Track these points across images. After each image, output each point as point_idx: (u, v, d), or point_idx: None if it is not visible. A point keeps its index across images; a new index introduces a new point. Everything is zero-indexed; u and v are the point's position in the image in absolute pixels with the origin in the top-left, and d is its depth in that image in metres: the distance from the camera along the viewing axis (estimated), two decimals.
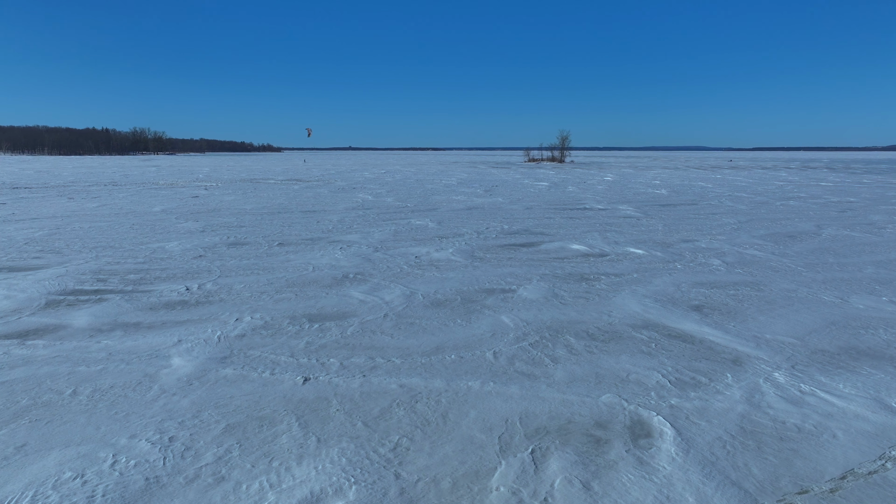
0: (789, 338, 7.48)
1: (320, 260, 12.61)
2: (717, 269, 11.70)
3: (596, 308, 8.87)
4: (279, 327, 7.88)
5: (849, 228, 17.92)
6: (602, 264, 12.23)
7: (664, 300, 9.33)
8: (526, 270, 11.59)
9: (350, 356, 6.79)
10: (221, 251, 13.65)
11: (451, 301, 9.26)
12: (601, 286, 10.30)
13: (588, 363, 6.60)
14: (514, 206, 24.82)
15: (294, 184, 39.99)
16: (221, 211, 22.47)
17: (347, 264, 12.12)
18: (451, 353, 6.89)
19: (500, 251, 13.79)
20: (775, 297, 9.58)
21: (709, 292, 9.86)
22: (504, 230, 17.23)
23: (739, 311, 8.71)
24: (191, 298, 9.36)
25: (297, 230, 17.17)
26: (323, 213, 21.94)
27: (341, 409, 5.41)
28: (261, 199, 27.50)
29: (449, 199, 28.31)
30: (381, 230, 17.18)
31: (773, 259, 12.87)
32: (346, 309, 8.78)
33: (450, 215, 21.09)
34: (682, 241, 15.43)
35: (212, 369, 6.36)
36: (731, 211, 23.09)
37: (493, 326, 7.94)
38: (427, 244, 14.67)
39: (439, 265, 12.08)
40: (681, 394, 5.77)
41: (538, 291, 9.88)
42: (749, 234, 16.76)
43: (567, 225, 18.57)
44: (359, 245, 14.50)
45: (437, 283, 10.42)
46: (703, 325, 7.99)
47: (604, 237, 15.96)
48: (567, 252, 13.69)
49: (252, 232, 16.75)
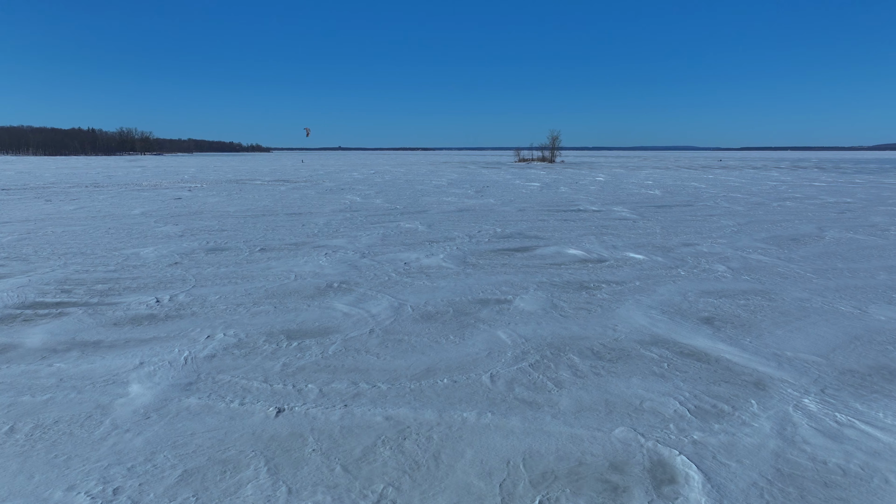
0: (812, 355, 6.85)
1: (303, 267, 11.89)
2: (723, 277, 11.08)
3: (599, 321, 8.21)
4: (254, 346, 7.16)
5: (851, 231, 17.39)
6: (601, 271, 11.59)
7: (671, 311, 8.68)
8: (521, 278, 10.92)
9: (331, 381, 6.09)
10: (199, 257, 12.89)
11: (442, 314, 8.57)
12: (602, 296, 9.64)
13: (596, 388, 5.94)
14: (507, 207, 24.16)
15: (281, 185, 39.14)
16: (203, 213, 21.67)
17: (332, 272, 11.40)
18: (444, 377, 6.20)
19: (494, 257, 13.11)
20: (789, 307, 8.96)
21: (718, 302, 9.22)
22: (497, 234, 16.56)
23: (753, 324, 8.07)
24: (160, 312, 8.62)
25: (281, 234, 16.42)
26: (309, 215, 21.18)
27: (318, 450, 4.71)
28: (245, 201, 26.69)
29: (439, 200, 27.61)
30: (368, 234, 16.46)
31: (779, 264, 12.27)
32: (329, 324, 8.07)
33: (440, 218, 20.39)
34: (683, 244, 14.82)
35: (174, 398, 5.64)
36: (729, 212, 22.55)
37: (488, 344, 7.26)
38: (417, 249, 13.97)
39: (430, 272, 11.39)
40: (703, 426, 5.11)
41: (536, 302, 9.21)
42: (750, 237, 16.18)
43: (562, 228, 17.93)
44: (345, 250, 13.79)
45: (428, 293, 9.73)
46: (716, 341, 7.34)
47: (601, 241, 15.33)
48: (564, 257, 13.03)
49: (233, 236, 15.99)
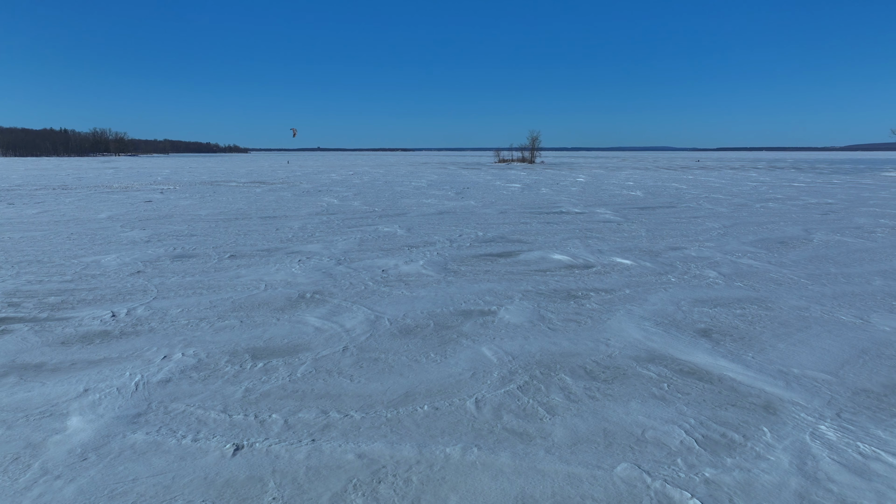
0: (821, 373, 6.37)
1: (275, 275, 11.21)
2: (715, 283, 10.63)
3: (590, 335, 7.67)
4: (215, 368, 6.51)
5: (838, 233, 17.10)
6: (589, 278, 11.07)
7: (666, 323, 8.17)
8: (506, 286, 10.36)
9: (298, 409, 5.47)
10: (164, 265, 12.15)
11: (422, 328, 7.97)
12: (592, 305, 9.11)
13: (592, 414, 5.38)
14: (488, 209, 23.63)
15: (257, 187, 38.24)
16: (174, 217, 20.83)
17: (305, 281, 10.75)
18: (424, 403, 5.61)
19: (476, 262, 12.55)
20: (788, 317, 8.50)
21: (713, 312, 8.74)
22: (478, 238, 16.00)
23: (753, 337, 7.59)
24: (115, 328, 7.91)
25: (254, 239, 15.70)
26: (284, 219, 20.45)
27: (279, 498, 4.09)
28: (218, 204, 25.84)
29: (419, 202, 27.00)
30: (345, 238, 15.80)
31: (771, 269, 11.86)
32: (299, 340, 7.44)
33: (420, 221, 19.79)
34: (670, 248, 14.38)
35: (118, 434, 4.98)
36: (713, 214, 22.23)
37: (472, 362, 6.68)
38: (395, 255, 13.35)
39: (409, 281, 10.78)
40: (714, 460, 4.58)
41: (522, 313, 8.65)
42: (738, 240, 15.80)
43: (545, 231, 17.42)
44: (319, 257, 13.12)
45: (407, 304, 9.13)
46: (717, 357, 6.84)
47: (586, 245, 14.84)
48: (549, 263, 12.50)
49: (202, 242, 15.23)
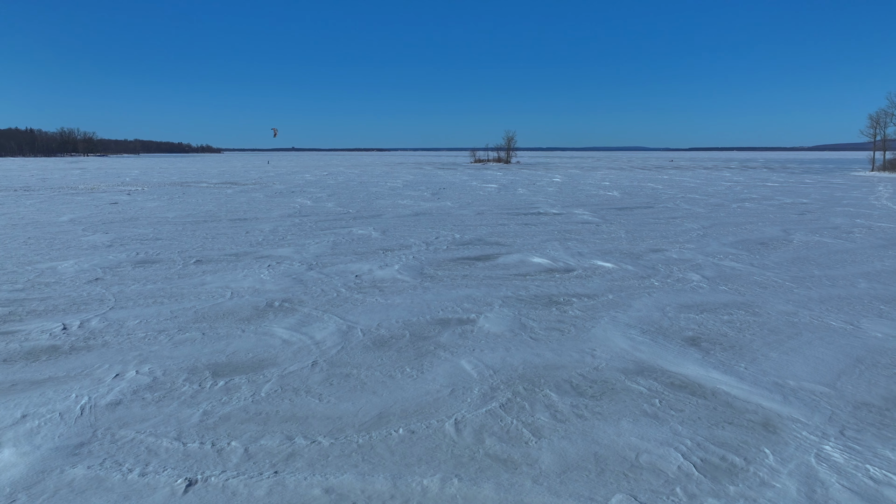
0: (817, 384, 6.05)
1: (242, 282, 10.66)
2: (699, 287, 10.33)
3: (575, 345, 7.28)
4: (171, 387, 5.98)
5: (817, 233, 17.01)
6: (570, 282, 10.71)
7: (652, 331, 7.82)
8: (485, 292, 9.95)
9: (260, 435, 4.98)
10: (125, 272, 11.52)
11: (397, 339, 7.52)
12: (575, 312, 8.74)
13: (581, 437, 4.97)
14: (465, 211, 23.22)
15: (228, 188, 37.39)
16: (139, 220, 20.07)
17: (274, 288, 10.22)
18: (399, 425, 5.16)
19: (453, 266, 12.11)
20: (777, 323, 8.21)
21: (700, 318, 8.41)
22: (456, 240, 15.57)
23: (744, 345, 7.27)
24: (65, 343, 7.32)
25: (222, 243, 15.08)
26: (255, 221, 19.81)
27: None
28: (187, 206, 25.07)
29: (394, 203, 26.51)
30: (317, 242, 15.26)
31: (754, 272, 11.61)
32: (265, 354, 6.93)
33: (395, 223, 19.30)
34: (651, 250, 14.10)
35: (55, 469, 4.44)
36: (690, 215, 22.09)
37: (451, 377, 6.24)
38: (369, 259, 12.87)
39: (383, 287, 10.31)
40: (716, 488, 4.20)
41: (502, 321, 8.24)
42: (718, 241, 15.60)
43: (523, 233, 17.06)
44: (290, 261, 12.58)
45: (381, 313, 8.66)
46: (708, 368, 6.49)
47: (565, 247, 14.50)
48: (528, 266, 12.12)
49: (168, 246, 14.58)
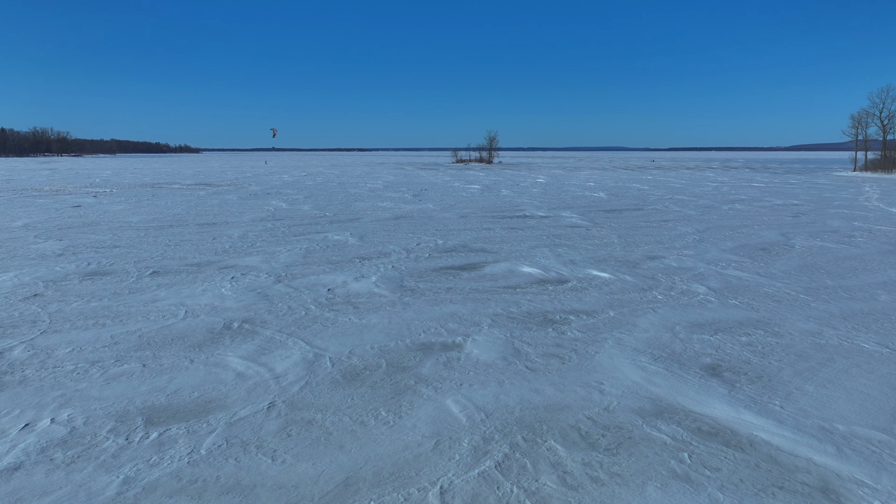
0: (872, 429, 5.08)
1: (199, 298, 9.51)
2: (707, 301, 9.37)
3: (578, 376, 6.26)
4: (91, 442, 4.86)
5: (818, 238, 16.20)
6: (565, 296, 9.70)
7: (665, 357, 6.83)
8: (472, 309, 8.90)
9: None
10: (69, 286, 10.31)
11: (372, 370, 6.44)
12: (574, 333, 7.72)
13: None
14: (447, 214, 22.16)
15: (201, 189, 35.98)
16: (100, 225, 18.75)
17: (235, 305, 9.08)
18: (370, 496, 4.09)
19: (437, 277, 11.06)
20: (802, 345, 7.26)
21: (716, 340, 7.44)
22: (438, 247, 14.51)
23: (772, 375, 6.30)
24: None
25: (184, 251, 13.88)
26: (224, 226, 18.59)
27: None
28: (155, 209, 23.73)
29: (374, 205, 25.38)
30: (289, 249, 14.12)
31: (763, 283, 10.70)
32: (213, 393, 5.82)
33: (374, 227, 18.19)
34: (647, 258, 13.15)
35: None
36: (682, 217, 21.23)
37: (435, 424, 5.18)
38: (345, 269, 11.76)
39: (358, 303, 9.23)
40: None
41: (493, 347, 7.20)
42: (716, 246, 14.70)
43: (510, 238, 16.04)
44: (257, 273, 11.44)
45: (354, 336, 7.58)
46: (738, 408, 5.50)
47: (556, 254, 13.50)
48: (518, 277, 11.10)
49: (124, 255, 13.35)
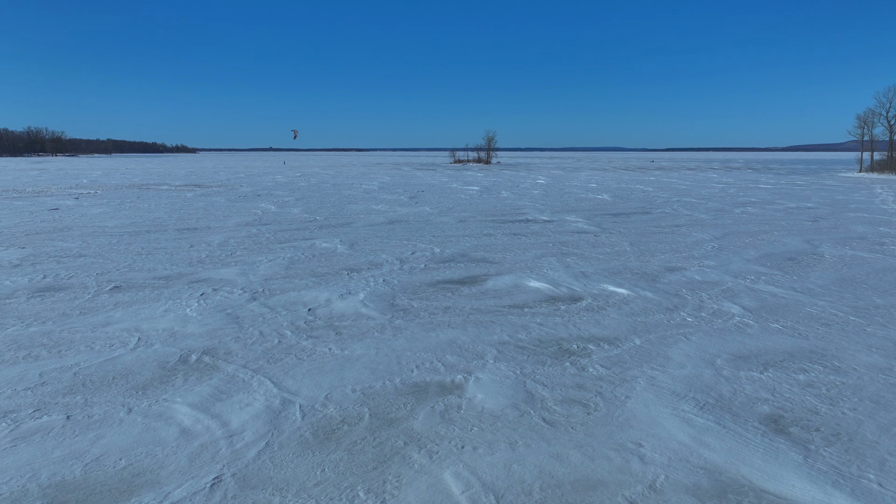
0: None
1: (159, 321, 8.23)
2: (745, 325, 8.11)
3: (610, 436, 4.99)
4: None
5: (846, 245, 14.96)
6: (580, 318, 8.43)
7: (712, 404, 5.56)
8: (473, 335, 7.63)
9: None
10: (13, 306, 9.02)
11: (351, 424, 5.17)
12: (596, 369, 6.46)
13: None
14: (445, 217, 20.88)
15: (189, 190, 34.65)
16: (72, 230, 17.44)
17: (197, 331, 7.80)
18: None
19: (433, 294, 9.79)
20: (875, 386, 6.00)
21: (768, 380, 6.18)
22: (435, 256, 13.24)
23: (852, 432, 5.04)
24: None
25: (155, 261, 12.59)
26: (205, 231, 17.29)
27: None
28: (135, 213, 22.41)
29: (368, 208, 24.10)
30: (271, 259, 12.83)
31: (803, 300, 9.45)
32: (144, 462, 4.54)
33: (366, 233, 16.91)
34: (666, 269, 11.90)
35: None
36: (695, 222, 19.98)
37: None
38: (330, 284, 10.49)
39: (342, 328, 7.96)
40: None
41: (501, 389, 5.93)
42: (739, 256, 13.45)
43: (513, 246, 14.78)
44: (231, 288, 10.16)
45: (333, 374, 6.31)
46: (823, 484, 4.24)
47: (565, 265, 12.24)
48: (525, 294, 9.83)
49: (88, 265, 12.06)
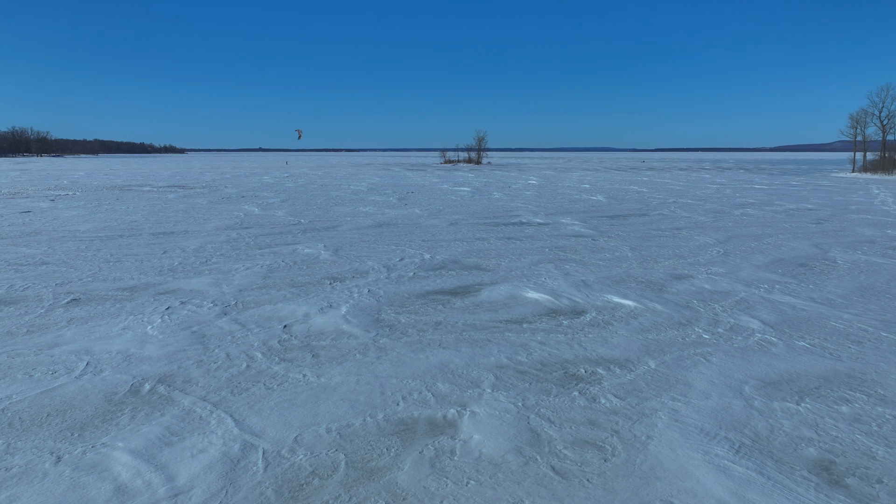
0: None
1: (114, 341, 7.33)
2: (769, 344, 7.31)
3: (633, 491, 4.15)
4: None
5: (857, 250, 14.23)
6: (585, 336, 7.60)
7: (749, 447, 4.74)
8: (468, 358, 6.78)
9: None
10: None
11: (322, 477, 4.30)
12: (609, 401, 5.63)
13: None
14: (435, 220, 20.02)
15: (171, 192, 33.59)
16: (39, 235, 16.45)
17: (156, 353, 6.91)
18: None
19: (422, 307, 8.93)
20: None
21: (807, 413, 5.37)
22: (425, 263, 12.38)
23: None
24: None
25: (123, 269, 11.66)
26: (182, 235, 16.35)
27: None
28: (110, 216, 21.40)
29: (355, 211, 23.20)
30: (248, 267, 11.93)
31: (826, 313, 8.66)
32: None
33: (352, 238, 16.03)
34: (672, 277, 11.11)
35: None
36: (695, 224, 19.23)
37: None
38: (310, 295, 9.61)
39: (319, 349, 7.09)
40: None
41: (500, 428, 5.08)
42: (747, 262, 12.68)
43: (508, 251, 13.94)
44: (201, 300, 9.26)
45: (306, 409, 5.44)
46: None
47: (564, 273, 11.42)
48: (523, 306, 8.99)
49: (49, 274, 11.11)
